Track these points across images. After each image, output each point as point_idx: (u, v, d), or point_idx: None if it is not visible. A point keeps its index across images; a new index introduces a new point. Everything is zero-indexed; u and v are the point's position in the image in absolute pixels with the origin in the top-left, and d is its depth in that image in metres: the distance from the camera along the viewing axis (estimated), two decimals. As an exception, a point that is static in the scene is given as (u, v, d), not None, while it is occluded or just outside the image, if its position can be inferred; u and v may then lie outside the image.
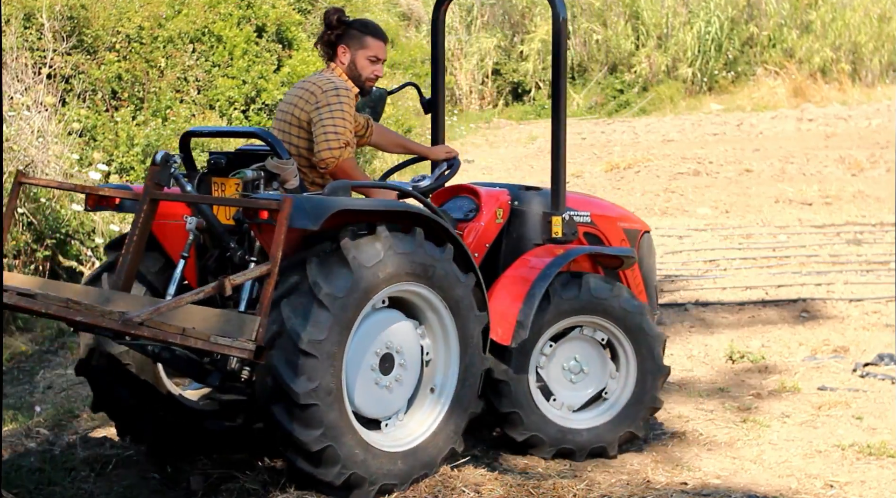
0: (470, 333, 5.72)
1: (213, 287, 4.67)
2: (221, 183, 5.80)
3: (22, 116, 11.03)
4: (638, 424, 6.41)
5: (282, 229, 4.76)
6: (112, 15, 13.73)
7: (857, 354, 8.69)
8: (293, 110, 5.92)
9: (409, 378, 5.62)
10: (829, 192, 15.82)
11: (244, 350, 4.58)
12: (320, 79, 5.95)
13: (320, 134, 5.77)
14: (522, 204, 6.53)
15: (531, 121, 26.87)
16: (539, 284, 6.09)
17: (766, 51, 28.28)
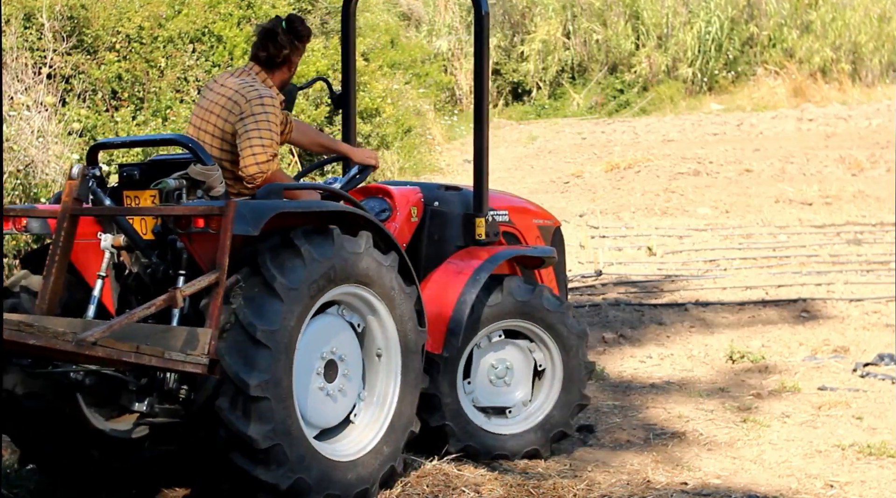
0: (412, 348, 5.55)
1: (164, 300, 4.51)
2: (135, 196, 5.46)
3: (22, 116, 11.03)
4: (568, 422, 6.37)
5: (227, 235, 4.64)
6: (112, 15, 13.72)
7: (858, 354, 8.69)
8: (214, 120, 5.59)
9: (351, 389, 5.40)
10: (830, 192, 15.82)
11: (198, 365, 4.46)
12: (242, 85, 5.58)
13: (246, 147, 5.45)
14: (443, 205, 6.38)
15: (531, 121, 26.85)
16: (469, 291, 5.97)
17: (766, 51, 28.27)
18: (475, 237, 6.30)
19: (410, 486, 5.54)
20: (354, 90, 6.98)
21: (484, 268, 6.09)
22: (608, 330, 9.47)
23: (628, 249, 12.84)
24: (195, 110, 5.72)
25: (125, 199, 5.45)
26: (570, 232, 13.90)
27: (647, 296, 10.64)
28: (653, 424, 7.05)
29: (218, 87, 5.67)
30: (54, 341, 4.27)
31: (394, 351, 5.51)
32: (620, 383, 8.09)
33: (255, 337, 4.85)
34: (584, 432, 6.88)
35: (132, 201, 5.44)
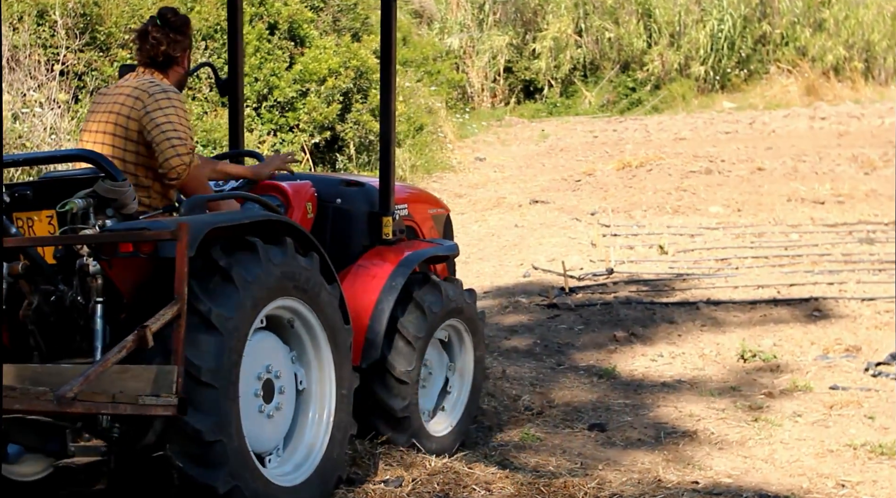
0: (342, 349, 5.31)
1: (134, 340, 4.24)
2: (28, 218, 4.99)
3: (35, 113, 11.06)
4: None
5: (184, 260, 4.31)
6: (125, 12, 13.75)
7: (870, 354, 8.67)
8: (113, 127, 5.22)
9: (288, 405, 5.14)
10: (842, 191, 15.78)
11: (169, 407, 4.21)
12: (141, 82, 5.25)
13: (163, 141, 5.09)
14: (346, 202, 6.14)
15: (543, 119, 26.84)
16: (387, 299, 5.81)
17: (778, 49, 28.22)
18: (382, 237, 6.10)
19: (421, 483, 5.54)
20: (242, 77, 6.71)
21: (399, 272, 5.92)
22: (619, 328, 9.46)
23: (640, 247, 12.82)
24: (86, 124, 5.35)
25: (16, 222, 4.97)
26: (581, 230, 13.90)
27: (658, 294, 10.62)
28: (664, 423, 7.04)
29: (112, 91, 5.33)
30: (37, 403, 4.05)
31: (325, 355, 5.28)
32: (632, 382, 8.09)
33: (202, 379, 4.53)
34: (595, 431, 6.88)
35: (25, 224, 4.98)
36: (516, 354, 8.71)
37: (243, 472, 4.65)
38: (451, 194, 17.20)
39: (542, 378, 8.03)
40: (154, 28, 5.39)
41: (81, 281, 4.78)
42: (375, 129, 15.59)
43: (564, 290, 10.76)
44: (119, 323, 4.73)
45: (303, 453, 5.21)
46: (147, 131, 5.13)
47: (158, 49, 5.37)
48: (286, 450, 5.18)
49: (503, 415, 7.18)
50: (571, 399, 7.59)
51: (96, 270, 4.70)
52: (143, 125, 5.15)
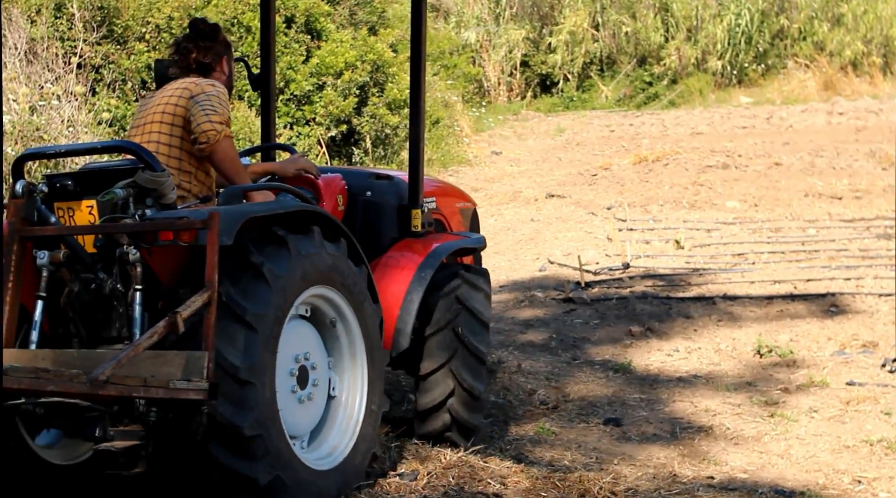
0: (372, 329, 5.44)
1: (165, 326, 4.33)
2: (69, 208, 5.11)
3: (52, 106, 11.09)
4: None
5: (215, 248, 4.43)
6: (142, 5, 13.78)
7: (887, 349, 8.64)
8: (163, 109, 5.40)
9: (321, 388, 5.28)
10: (860, 186, 15.72)
11: (200, 391, 4.31)
12: (188, 81, 5.46)
13: (199, 112, 5.26)
14: (376, 195, 6.24)
15: (559, 113, 26.81)
16: (416, 289, 5.91)
17: (796, 44, 28.12)
18: (411, 229, 6.21)
19: (436, 477, 5.54)
20: (274, 72, 6.80)
21: (428, 264, 6.01)
22: (635, 323, 9.45)
23: (656, 242, 12.80)
24: (134, 121, 5.52)
25: (56, 211, 5.11)
26: (597, 224, 13.88)
27: (674, 289, 10.60)
28: (679, 418, 7.03)
29: (159, 92, 5.53)
30: (70, 385, 4.15)
31: (357, 336, 5.40)
32: (647, 377, 8.08)
33: (239, 377, 4.66)
34: (610, 425, 6.88)
35: (65, 213, 5.11)
36: (532, 349, 8.71)
37: (282, 461, 4.79)
38: (467, 188, 17.19)
39: (557, 372, 8.03)
40: (185, 38, 5.60)
41: (121, 269, 4.92)
42: (392, 122, 15.59)
43: (580, 284, 10.75)
44: (158, 310, 4.85)
45: (337, 435, 5.34)
46: (190, 113, 5.30)
47: (189, 57, 5.56)
48: (322, 431, 5.32)
49: (518, 409, 7.19)
50: (587, 394, 7.59)
51: (136, 258, 4.81)
52: (187, 109, 5.32)
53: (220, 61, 5.64)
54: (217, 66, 5.62)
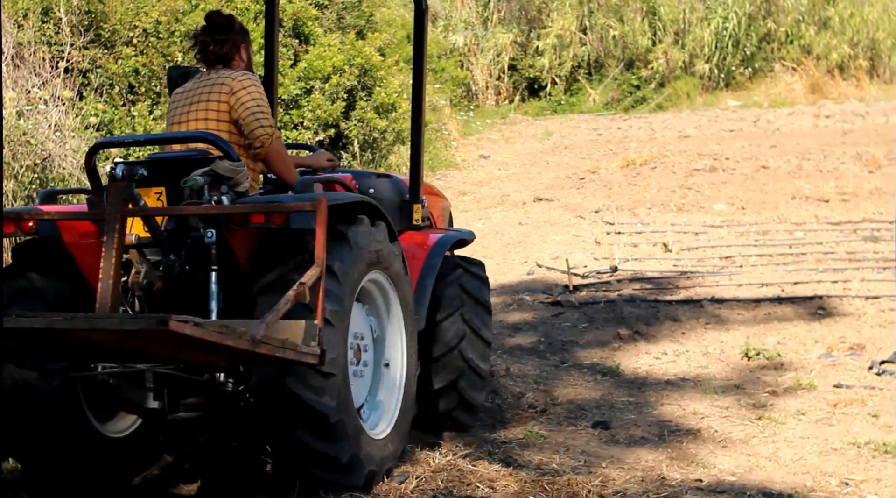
0: (408, 300, 5.87)
1: (294, 296, 4.68)
2: (139, 193, 5.29)
3: (39, 110, 11.07)
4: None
5: (323, 229, 4.82)
6: (129, 9, 13.75)
7: (874, 352, 8.67)
8: (207, 106, 5.62)
9: (370, 361, 5.72)
10: (846, 189, 15.76)
11: (314, 356, 4.74)
12: (219, 74, 5.71)
13: (248, 115, 5.55)
14: (379, 192, 6.56)
15: (547, 116, 26.83)
16: (429, 275, 6.28)
17: (783, 47, 28.19)
18: (412, 222, 6.60)
19: (425, 481, 5.54)
20: (276, 78, 7.09)
21: (435, 253, 6.41)
22: (623, 326, 9.46)
23: (644, 245, 12.82)
24: (176, 116, 5.70)
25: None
26: (585, 228, 13.90)
27: (662, 292, 10.62)
28: (667, 421, 7.05)
29: (191, 88, 5.74)
30: (238, 342, 4.45)
31: (396, 308, 5.79)
32: (635, 380, 8.09)
33: (324, 370, 5.00)
34: (599, 428, 6.88)
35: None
36: (520, 352, 8.71)
37: (357, 440, 5.26)
38: (455, 192, 17.20)
39: (545, 376, 8.03)
40: (202, 31, 5.82)
41: (196, 250, 5.24)
42: (380, 126, 15.59)
43: (568, 287, 10.76)
44: (230, 288, 5.21)
45: (387, 401, 5.78)
46: (234, 109, 5.58)
47: (208, 50, 5.77)
48: (373, 400, 5.75)
49: (507, 412, 7.19)
50: (575, 397, 7.60)
51: (211, 240, 5.12)
52: (231, 105, 5.58)
53: (237, 51, 5.83)
54: (236, 55, 5.82)
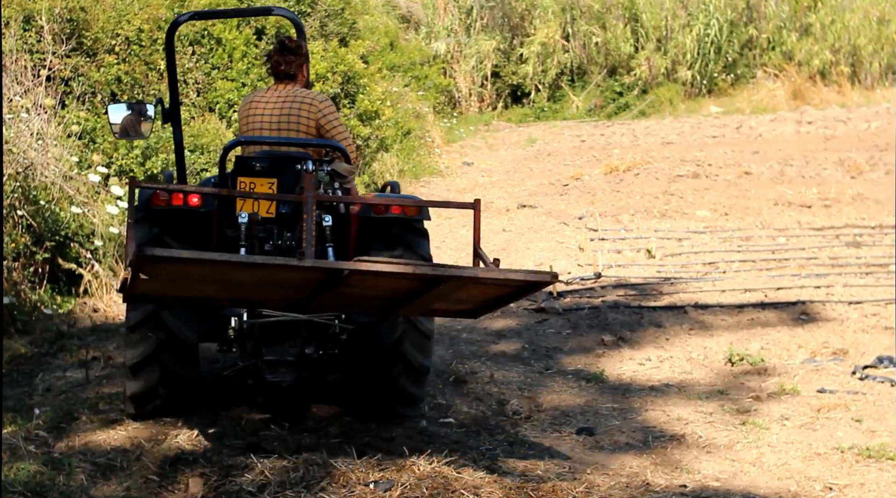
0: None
1: (494, 262, 5.70)
2: (250, 182, 6.46)
3: (21, 119, 11.03)
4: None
5: (479, 221, 5.95)
6: (111, 17, 13.73)
7: (857, 357, 8.69)
8: (297, 120, 6.76)
9: None
10: (829, 195, 15.82)
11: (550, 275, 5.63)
12: (296, 92, 6.83)
13: (343, 140, 6.72)
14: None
15: (531, 123, 26.87)
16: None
17: (765, 53, 28.30)
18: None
19: (409, 488, 5.54)
20: (179, 108, 7.52)
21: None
22: (607, 332, 9.47)
23: (627, 251, 12.84)
24: (258, 121, 6.78)
25: (239, 185, 6.45)
26: (569, 234, 13.91)
27: (646, 298, 10.64)
28: (652, 427, 7.05)
29: (269, 98, 6.84)
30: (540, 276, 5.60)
31: None
32: (619, 386, 8.10)
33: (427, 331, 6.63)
34: (583, 435, 6.89)
35: (247, 186, 6.45)
36: (504, 359, 8.71)
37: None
38: (438, 199, 17.21)
39: (530, 382, 8.03)
40: (275, 52, 6.91)
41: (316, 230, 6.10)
42: (363, 133, 15.59)
43: (552, 294, 10.77)
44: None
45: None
46: (326, 129, 6.77)
47: (279, 69, 6.88)
48: None
49: (491, 419, 7.19)
50: (559, 403, 7.60)
51: (328, 224, 6.37)
52: (320, 124, 6.76)
53: (301, 70, 6.92)
54: (299, 74, 6.91)
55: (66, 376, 8.26)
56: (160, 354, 6.47)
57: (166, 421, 6.74)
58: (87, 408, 7.11)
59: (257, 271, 5.36)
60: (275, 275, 5.39)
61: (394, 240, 6.58)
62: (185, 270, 5.34)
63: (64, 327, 9.62)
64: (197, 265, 5.24)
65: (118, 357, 8.87)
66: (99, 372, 8.26)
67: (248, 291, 5.79)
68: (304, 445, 6.33)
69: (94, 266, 10.44)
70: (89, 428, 6.80)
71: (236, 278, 5.52)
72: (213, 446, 6.30)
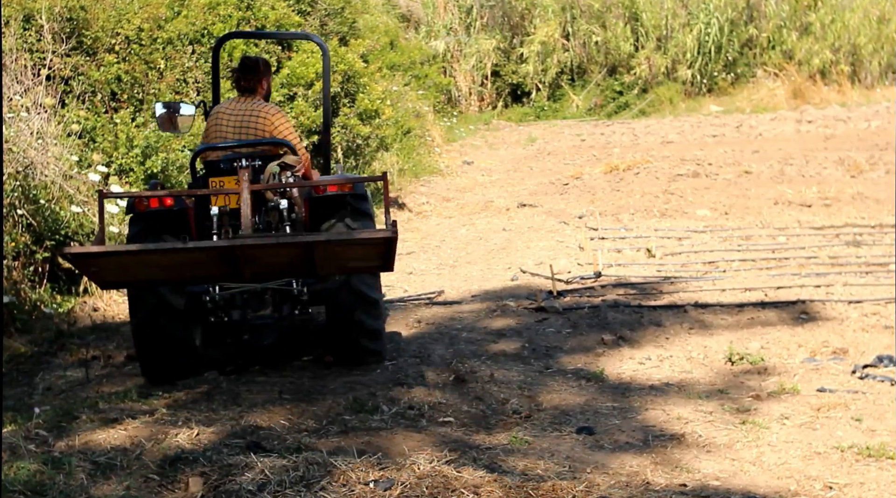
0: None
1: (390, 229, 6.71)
2: (219, 181, 7.61)
3: (21, 118, 11.03)
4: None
5: (388, 193, 7.03)
6: (111, 16, 13.72)
7: (857, 356, 8.69)
8: (257, 124, 8.00)
9: None
10: (829, 194, 15.83)
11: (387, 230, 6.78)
12: (255, 104, 8.09)
13: (290, 139, 7.94)
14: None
15: (530, 122, 26.87)
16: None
17: (765, 52, 28.32)
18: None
19: (409, 487, 5.54)
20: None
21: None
22: (607, 332, 9.47)
23: (627, 250, 12.85)
24: (224, 127, 8.01)
25: (210, 184, 7.63)
26: (569, 233, 13.92)
27: (645, 298, 10.64)
28: (652, 426, 7.05)
29: (232, 108, 8.10)
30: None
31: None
32: (619, 385, 8.10)
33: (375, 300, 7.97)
34: (583, 434, 6.89)
35: (217, 185, 7.59)
36: (504, 358, 8.71)
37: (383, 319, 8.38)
38: (438, 198, 17.21)
39: (530, 382, 8.03)
40: (237, 70, 8.24)
41: (269, 213, 7.55)
42: (363, 132, 15.59)
43: (552, 293, 10.77)
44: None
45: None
46: (279, 131, 7.99)
47: (240, 84, 8.17)
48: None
49: (491, 418, 7.19)
50: (559, 402, 7.60)
51: (284, 207, 7.47)
52: (273, 128, 7.99)
53: (259, 84, 8.19)
54: (258, 87, 8.18)
55: (65, 375, 8.26)
56: (157, 318, 7.65)
57: (166, 421, 6.74)
58: (86, 407, 7.11)
59: (166, 255, 6.57)
60: (185, 256, 6.60)
61: (341, 211, 7.85)
62: (117, 261, 6.58)
63: (64, 326, 9.62)
64: (113, 257, 6.50)
65: (118, 356, 8.87)
66: (99, 371, 8.26)
67: (187, 271, 6.89)
68: (304, 444, 6.33)
69: (94, 265, 10.42)
70: (89, 427, 6.80)
71: (162, 262, 6.64)
72: (213, 445, 6.30)
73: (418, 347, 8.94)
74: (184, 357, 7.88)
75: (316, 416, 6.99)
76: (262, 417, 6.89)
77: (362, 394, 7.42)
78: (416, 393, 7.50)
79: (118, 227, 10.92)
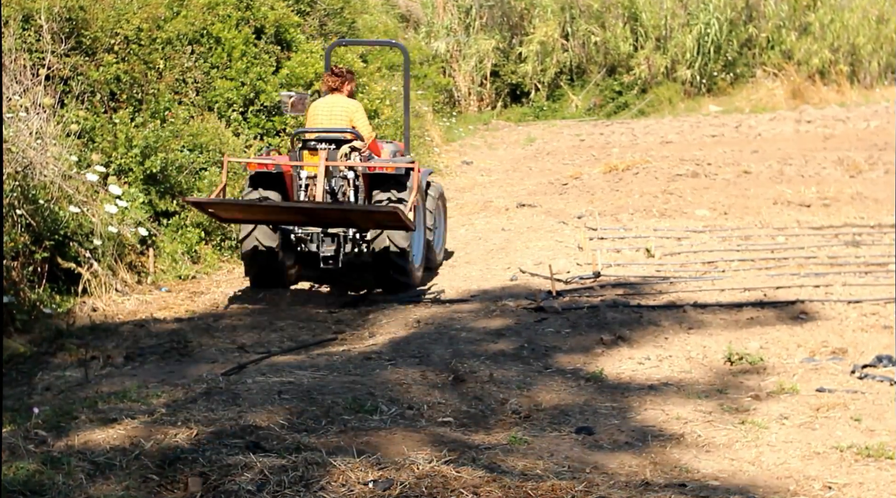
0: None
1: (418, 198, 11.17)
2: (309, 153, 10.99)
3: (20, 118, 11.03)
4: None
5: (417, 174, 10.95)
6: (111, 16, 13.72)
7: (856, 356, 8.69)
8: (340, 117, 11.08)
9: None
10: (828, 194, 15.83)
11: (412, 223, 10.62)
12: (343, 100, 11.19)
13: (361, 128, 11.09)
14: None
15: (530, 122, 26.87)
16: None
17: (764, 52, 28.33)
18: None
19: (409, 487, 5.54)
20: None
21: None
22: (606, 331, 9.47)
23: (626, 250, 12.85)
24: (317, 117, 11.12)
25: (303, 157, 10.96)
26: (568, 233, 13.92)
27: (645, 297, 10.64)
28: (651, 426, 7.05)
29: (326, 102, 11.16)
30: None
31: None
32: (618, 385, 8.10)
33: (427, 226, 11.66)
34: (582, 434, 6.89)
35: (308, 157, 10.98)
36: (503, 358, 8.71)
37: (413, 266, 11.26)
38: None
39: (529, 381, 8.03)
40: (328, 75, 11.34)
41: (341, 182, 10.90)
42: (362, 132, 15.58)
43: (551, 293, 10.77)
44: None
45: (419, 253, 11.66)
46: (356, 121, 11.11)
47: (329, 85, 11.25)
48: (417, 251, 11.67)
49: (490, 418, 7.19)
50: (558, 402, 7.60)
51: (350, 177, 10.88)
52: (353, 119, 11.14)
53: (343, 85, 11.25)
54: (342, 88, 11.25)
55: (65, 375, 8.26)
56: (256, 234, 10.87)
57: (165, 420, 6.74)
58: (86, 407, 7.11)
59: (252, 207, 10.29)
60: (266, 207, 10.30)
61: (388, 183, 10.80)
62: (224, 207, 10.33)
63: (63, 326, 9.62)
64: (220, 205, 10.24)
65: (117, 356, 8.87)
66: (98, 371, 8.26)
67: (274, 217, 10.55)
68: (303, 444, 6.33)
69: (93, 265, 10.45)
70: (88, 427, 6.80)
71: (255, 210, 10.30)
72: (212, 445, 6.30)
73: (417, 347, 8.93)
74: (278, 273, 11.12)
75: (315, 416, 6.99)
76: (262, 417, 6.88)
77: (361, 394, 7.41)
78: (415, 393, 7.49)
79: (116, 226, 10.92)
